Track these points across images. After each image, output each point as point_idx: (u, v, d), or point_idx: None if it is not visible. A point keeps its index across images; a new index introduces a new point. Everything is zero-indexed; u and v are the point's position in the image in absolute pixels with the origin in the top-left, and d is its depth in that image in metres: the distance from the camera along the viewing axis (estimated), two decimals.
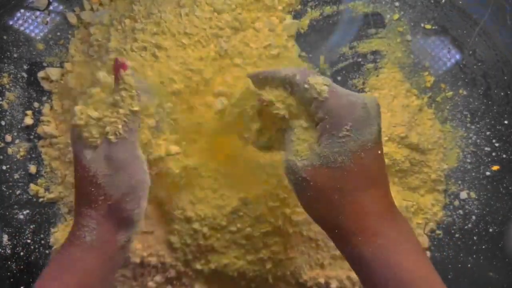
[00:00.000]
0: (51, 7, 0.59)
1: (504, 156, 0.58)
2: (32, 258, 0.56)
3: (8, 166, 0.57)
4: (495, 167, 0.57)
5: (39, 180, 0.58)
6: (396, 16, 0.59)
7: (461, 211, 0.58)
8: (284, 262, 0.51)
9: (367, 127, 0.35)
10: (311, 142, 0.36)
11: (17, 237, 0.56)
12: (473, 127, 0.58)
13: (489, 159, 0.58)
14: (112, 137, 0.37)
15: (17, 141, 0.57)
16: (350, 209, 0.35)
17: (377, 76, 0.58)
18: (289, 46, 0.55)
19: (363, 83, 0.58)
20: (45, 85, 0.58)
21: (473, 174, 0.58)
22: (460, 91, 0.58)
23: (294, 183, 0.37)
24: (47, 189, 0.58)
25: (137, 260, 0.52)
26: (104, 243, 0.38)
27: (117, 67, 0.37)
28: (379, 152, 0.35)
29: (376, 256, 0.34)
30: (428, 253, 0.57)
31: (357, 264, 0.36)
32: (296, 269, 0.51)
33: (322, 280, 0.52)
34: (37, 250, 0.57)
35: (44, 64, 0.58)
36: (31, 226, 0.57)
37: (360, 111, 0.35)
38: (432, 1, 0.59)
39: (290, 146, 0.37)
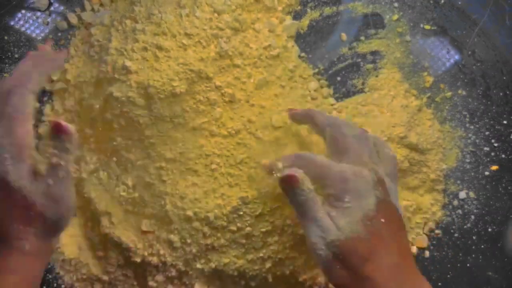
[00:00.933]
0: (52, 8, 0.59)
1: (503, 156, 0.58)
2: None
3: None
4: (494, 167, 0.58)
5: None
6: (395, 17, 0.59)
7: (460, 211, 0.58)
8: (284, 261, 0.51)
9: (362, 198, 0.39)
10: (325, 220, 0.39)
11: None
12: (472, 127, 0.58)
13: (488, 159, 0.58)
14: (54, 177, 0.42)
15: None
16: (368, 274, 0.37)
17: (377, 76, 0.58)
18: (289, 46, 0.55)
19: (363, 83, 0.58)
20: (46, 86, 0.58)
21: (472, 174, 0.58)
22: (459, 91, 0.59)
23: (324, 259, 0.39)
24: None
25: (138, 259, 0.52)
26: (43, 251, 0.43)
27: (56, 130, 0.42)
28: (386, 220, 0.39)
29: None
30: (427, 253, 0.57)
31: None
32: (296, 269, 0.52)
33: (321, 280, 0.52)
34: None
35: None
36: None
37: (352, 185, 0.39)
38: (431, 2, 0.59)
39: (316, 217, 0.39)
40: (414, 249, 0.57)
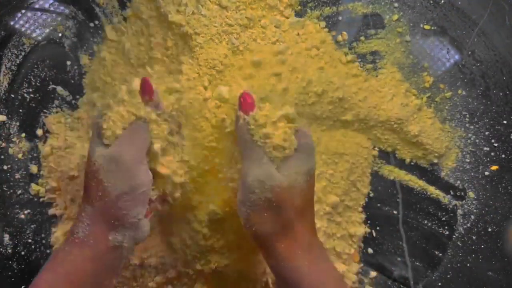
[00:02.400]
0: (52, 8, 0.59)
1: (503, 156, 0.58)
2: (33, 257, 0.56)
3: (9, 166, 0.57)
4: (494, 167, 0.58)
5: (40, 180, 0.58)
6: (395, 17, 0.59)
7: (460, 211, 0.58)
8: None
9: (312, 154, 0.42)
10: (271, 166, 0.41)
11: (18, 237, 0.56)
12: (472, 127, 0.58)
13: (488, 159, 0.58)
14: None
15: (18, 141, 0.58)
16: (297, 226, 0.40)
17: (377, 76, 0.58)
18: (299, 40, 0.56)
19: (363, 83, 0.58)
20: None
21: (472, 174, 0.58)
22: (459, 91, 0.59)
23: (255, 202, 0.40)
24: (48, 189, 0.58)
25: (137, 261, 0.52)
26: (96, 241, 0.39)
27: (144, 89, 0.42)
28: (313, 182, 0.42)
29: (311, 267, 0.40)
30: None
31: (290, 277, 0.40)
32: None
33: None
34: (38, 250, 0.57)
35: None
36: (32, 226, 0.57)
37: (309, 140, 0.43)
38: (431, 2, 0.59)
39: (258, 163, 0.41)
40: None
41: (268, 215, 0.40)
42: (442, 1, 0.59)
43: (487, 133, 0.58)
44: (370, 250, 0.59)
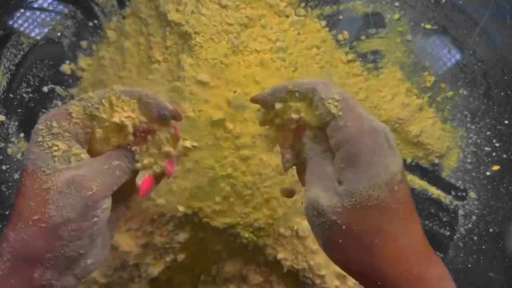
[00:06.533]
0: (51, 7, 0.59)
1: (504, 156, 0.58)
2: None
3: (8, 166, 0.57)
4: (496, 167, 0.57)
5: None
6: (396, 16, 0.58)
7: (461, 211, 0.58)
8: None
9: (393, 157, 0.30)
10: (330, 182, 0.31)
11: None
12: (473, 127, 0.58)
13: (490, 159, 0.58)
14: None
15: (16, 141, 0.57)
16: (391, 253, 0.29)
17: (378, 76, 0.58)
18: (300, 39, 0.56)
19: (364, 83, 0.58)
20: None
21: (474, 174, 0.58)
22: (460, 91, 0.58)
23: (319, 226, 0.31)
24: None
25: (132, 261, 0.52)
26: (16, 281, 0.30)
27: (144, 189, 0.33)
28: (408, 185, 0.31)
29: None
30: None
31: None
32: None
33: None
34: None
35: None
36: None
37: (383, 139, 0.30)
38: (432, 1, 0.59)
39: (312, 180, 0.32)
40: None
41: (343, 242, 0.30)
42: (443, 1, 0.59)
43: (488, 133, 0.58)
44: None
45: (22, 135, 0.57)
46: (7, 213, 0.56)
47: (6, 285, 0.29)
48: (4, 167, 0.57)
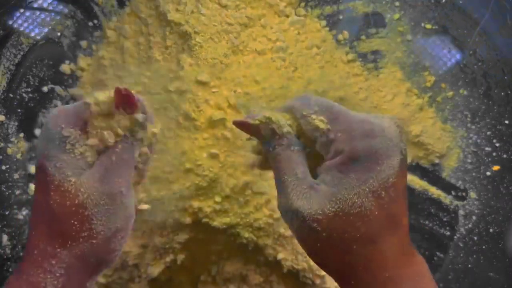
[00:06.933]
0: (51, 7, 0.59)
1: (504, 156, 0.57)
2: None
3: (7, 166, 0.57)
4: (496, 167, 0.57)
5: None
6: (396, 16, 0.58)
7: (461, 211, 0.58)
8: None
9: (388, 159, 0.29)
10: (307, 186, 0.30)
11: (16, 237, 0.56)
12: (473, 127, 0.58)
13: (490, 159, 0.58)
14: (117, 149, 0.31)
15: (16, 141, 0.57)
16: (370, 259, 0.29)
17: (378, 76, 0.58)
18: (300, 39, 0.56)
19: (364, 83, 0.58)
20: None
21: (474, 174, 0.58)
22: (461, 91, 0.58)
23: (299, 231, 0.30)
24: None
25: (131, 262, 0.52)
26: None
27: (121, 98, 0.31)
28: (402, 187, 0.29)
29: None
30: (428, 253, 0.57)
31: None
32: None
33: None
34: None
35: None
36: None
37: (379, 141, 0.29)
38: (433, 1, 0.59)
39: (285, 184, 0.30)
40: None
41: (322, 247, 0.30)
42: (444, 1, 0.59)
43: (488, 133, 0.58)
44: None
45: (22, 135, 0.57)
46: (7, 213, 0.56)
47: None
48: (4, 167, 0.57)
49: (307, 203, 0.29)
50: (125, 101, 0.31)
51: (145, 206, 0.36)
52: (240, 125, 0.33)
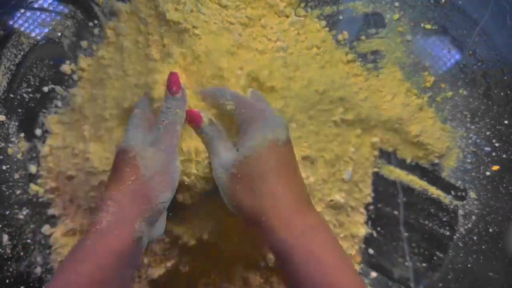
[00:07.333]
0: (51, 7, 0.59)
1: (504, 156, 0.58)
2: (32, 258, 0.56)
3: (8, 166, 0.57)
4: (495, 167, 0.57)
5: (39, 180, 0.58)
6: (396, 16, 0.59)
7: (461, 211, 0.58)
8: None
9: (279, 128, 0.41)
10: (230, 147, 0.43)
11: (17, 237, 0.56)
12: (473, 127, 0.58)
13: (489, 159, 0.58)
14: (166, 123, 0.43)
15: (17, 141, 0.58)
16: (271, 196, 0.39)
17: (377, 76, 0.58)
18: (300, 39, 0.56)
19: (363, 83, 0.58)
20: None
21: (473, 174, 0.58)
22: (460, 91, 0.58)
23: (223, 180, 0.41)
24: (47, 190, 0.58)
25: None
26: (120, 232, 0.37)
27: (171, 83, 0.45)
28: (291, 153, 0.42)
29: (297, 243, 0.37)
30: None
31: (281, 254, 0.38)
32: None
33: None
34: (37, 251, 0.57)
35: None
36: (31, 226, 0.57)
37: (270, 114, 0.42)
38: (432, 1, 0.59)
39: (218, 151, 0.43)
40: None
41: (239, 188, 0.40)
42: (443, 1, 0.59)
43: (488, 133, 0.58)
44: (370, 251, 0.59)
45: (22, 135, 0.58)
46: (7, 213, 0.56)
47: (111, 235, 0.37)
48: (4, 167, 0.57)
49: (230, 156, 0.42)
50: (172, 85, 0.45)
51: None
52: (193, 116, 0.45)
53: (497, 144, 0.58)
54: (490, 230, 0.57)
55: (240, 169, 0.40)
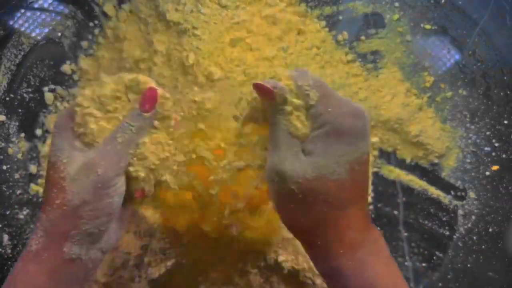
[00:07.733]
0: (51, 7, 0.59)
1: (503, 156, 0.58)
2: None
3: (8, 166, 0.57)
4: (495, 167, 0.58)
5: (39, 180, 0.58)
6: (396, 16, 0.59)
7: (461, 211, 0.58)
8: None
9: (365, 138, 0.34)
10: (296, 150, 0.34)
11: (17, 237, 0.56)
12: (472, 127, 0.58)
13: (489, 159, 0.58)
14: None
15: (17, 141, 0.58)
16: (336, 222, 0.34)
17: (377, 76, 0.58)
18: (300, 40, 0.56)
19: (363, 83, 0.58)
20: None
21: (473, 174, 0.58)
22: (460, 91, 0.58)
23: (278, 190, 0.35)
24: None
25: (131, 262, 0.52)
26: (50, 254, 0.35)
27: (146, 99, 0.36)
28: (368, 166, 0.35)
29: (356, 268, 0.34)
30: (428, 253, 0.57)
31: (335, 278, 0.35)
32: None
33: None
34: None
35: None
36: (32, 226, 0.57)
37: (362, 122, 0.34)
38: (432, 1, 0.59)
39: (278, 145, 0.35)
40: None
41: (295, 207, 0.34)
42: (443, 1, 0.59)
43: (488, 133, 0.58)
44: None
45: (22, 135, 0.58)
46: (7, 213, 0.56)
47: (40, 258, 0.35)
48: (4, 167, 0.57)
49: (292, 166, 0.34)
50: (145, 102, 0.36)
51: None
52: (260, 88, 0.35)
53: (496, 144, 0.58)
54: (490, 230, 0.57)
55: (304, 188, 0.33)
